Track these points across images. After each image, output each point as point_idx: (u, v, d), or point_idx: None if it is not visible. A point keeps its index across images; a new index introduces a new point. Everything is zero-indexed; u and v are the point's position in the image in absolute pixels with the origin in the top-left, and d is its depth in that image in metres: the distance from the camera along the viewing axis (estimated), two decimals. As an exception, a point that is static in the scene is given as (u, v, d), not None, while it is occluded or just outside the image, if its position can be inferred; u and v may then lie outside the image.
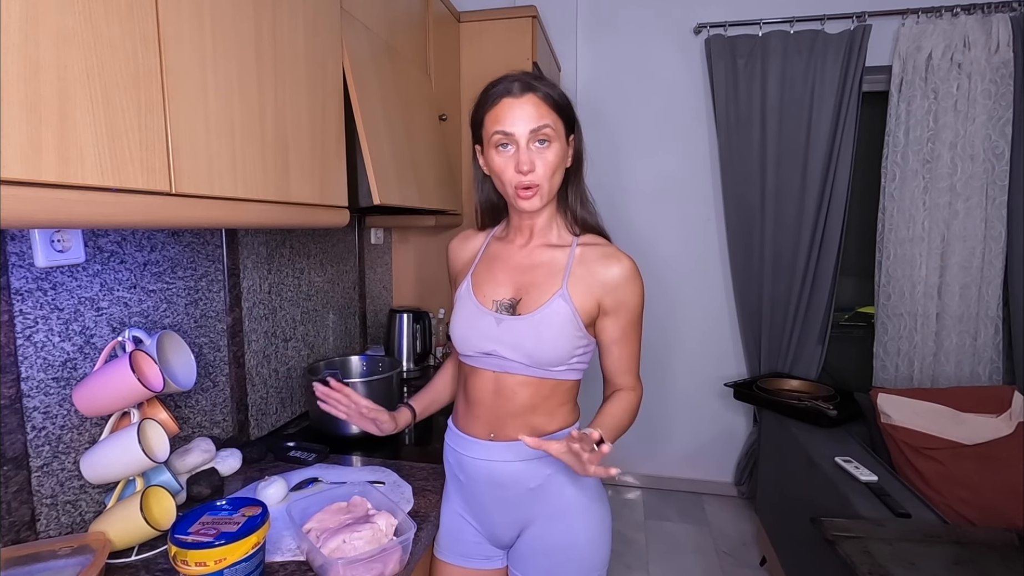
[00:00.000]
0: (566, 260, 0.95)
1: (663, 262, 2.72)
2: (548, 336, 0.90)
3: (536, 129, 0.88)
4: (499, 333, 0.93)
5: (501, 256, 1.00)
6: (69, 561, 0.77)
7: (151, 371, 0.93)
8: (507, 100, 0.89)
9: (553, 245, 0.97)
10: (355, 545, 0.83)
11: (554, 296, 0.92)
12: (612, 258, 0.94)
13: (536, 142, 0.89)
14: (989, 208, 2.27)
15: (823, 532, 1.26)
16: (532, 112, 0.88)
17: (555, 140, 0.90)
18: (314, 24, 1.01)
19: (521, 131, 0.88)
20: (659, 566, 2.23)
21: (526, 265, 0.97)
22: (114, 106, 0.61)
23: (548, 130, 0.89)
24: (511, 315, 0.93)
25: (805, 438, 1.84)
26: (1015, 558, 1.19)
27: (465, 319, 0.97)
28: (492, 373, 0.95)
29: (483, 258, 1.03)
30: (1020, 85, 2.19)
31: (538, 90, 0.90)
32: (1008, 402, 1.81)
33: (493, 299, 0.96)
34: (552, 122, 0.89)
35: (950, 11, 2.24)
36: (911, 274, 2.36)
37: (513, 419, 0.95)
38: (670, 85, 2.61)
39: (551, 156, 0.89)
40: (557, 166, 0.91)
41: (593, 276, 0.93)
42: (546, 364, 0.92)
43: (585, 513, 0.97)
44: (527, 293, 0.94)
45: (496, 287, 0.97)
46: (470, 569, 1.03)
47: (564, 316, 0.91)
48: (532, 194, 0.90)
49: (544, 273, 0.95)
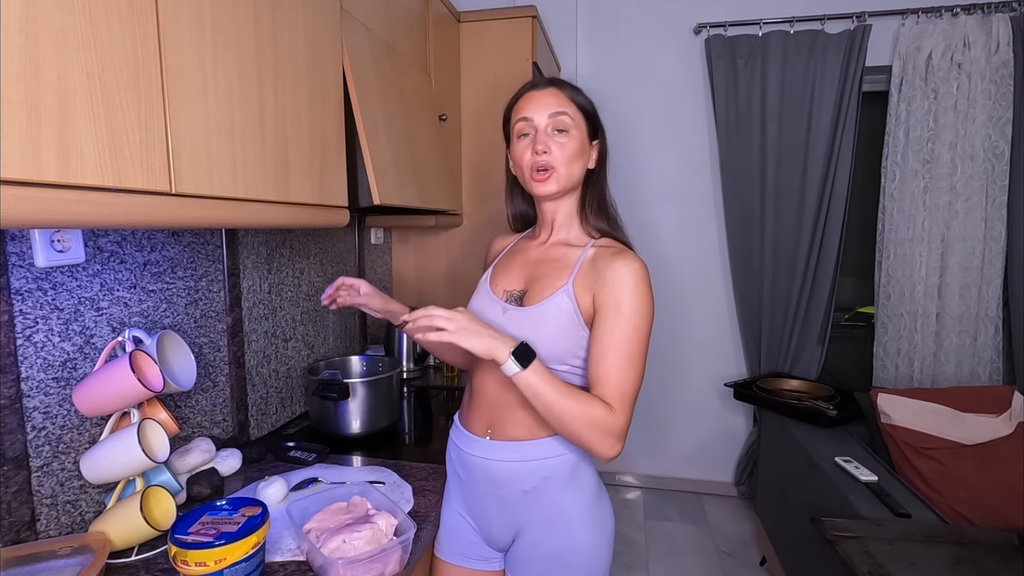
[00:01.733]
0: (578, 258, 0.95)
1: (663, 262, 2.72)
2: (546, 330, 0.90)
3: (554, 114, 0.93)
4: (503, 322, 0.94)
5: (522, 251, 1.05)
6: (69, 561, 0.77)
7: (151, 371, 0.93)
8: (531, 92, 0.97)
9: (569, 244, 0.99)
10: (355, 545, 0.83)
11: (558, 291, 0.92)
12: (620, 256, 0.92)
13: (555, 130, 0.93)
14: (989, 208, 2.27)
15: (823, 532, 1.26)
16: (552, 100, 0.94)
17: (573, 130, 0.94)
18: (314, 24, 1.01)
19: (540, 116, 0.93)
20: (659, 566, 2.23)
21: (540, 260, 1.00)
22: (114, 106, 0.61)
23: (566, 118, 0.93)
24: (518, 306, 0.95)
25: (805, 438, 1.84)
26: (1015, 558, 1.19)
27: (476, 305, 1.01)
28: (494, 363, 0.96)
29: (508, 252, 1.08)
30: (1020, 85, 2.19)
31: (562, 86, 0.96)
32: (1008, 402, 1.81)
33: (504, 289, 1.00)
34: (572, 113, 0.94)
35: (950, 11, 2.24)
36: (911, 274, 2.36)
37: (511, 414, 0.95)
38: (670, 85, 2.61)
39: (569, 144, 0.94)
40: (575, 155, 0.95)
41: (597, 271, 0.92)
42: (543, 358, 0.91)
43: (584, 520, 0.95)
44: (534, 285, 0.96)
45: (510, 279, 1.01)
46: (468, 569, 1.04)
47: (565, 312, 0.90)
48: (547, 176, 0.93)
49: (554, 268, 0.96)
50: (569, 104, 0.95)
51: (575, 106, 0.95)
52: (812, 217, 2.41)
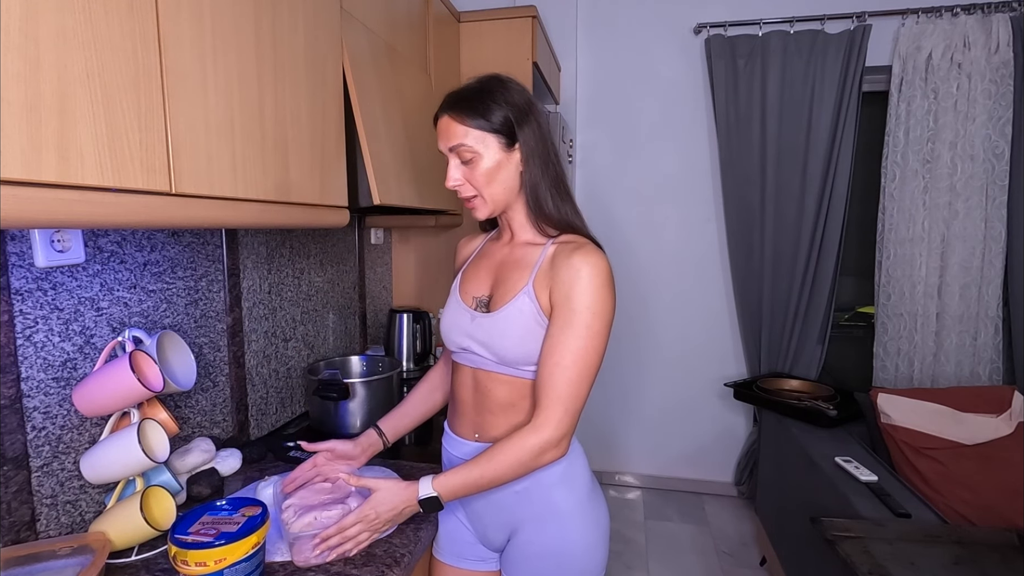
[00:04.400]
0: (538, 257, 0.93)
1: (663, 262, 2.72)
2: (511, 333, 0.90)
3: (453, 148, 0.91)
4: (472, 329, 0.94)
5: (488, 254, 1.03)
6: (69, 561, 0.77)
7: (151, 371, 0.93)
8: (437, 118, 0.94)
9: (531, 243, 0.97)
10: (323, 523, 0.86)
11: (519, 293, 0.91)
12: (577, 252, 0.88)
13: (460, 161, 0.92)
14: (989, 208, 2.27)
15: (823, 532, 1.26)
16: (448, 132, 0.91)
17: (481, 153, 0.90)
18: (314, 24, 1.01)
19: (444, 148, 0.93)
20: (659, 566, 2.23)
21: (504, 262, 0.98)
22: (114, 106, 0.61)
23: (464, 149, 0.90)
24: (484, 312, 0.95)
25: (805, 438, 1.84)
26: (1015, 558, 1.19)
27: (448, 315, 1.00)
28: (470, 369, 0.97)
29: (476, 257, 1.06)
30: (1020, 85, 2.19)
31: (454, 108, 0.90)
32: (1008, 402, 1.81)
33: (472, 295, 0.98)
34: (470, 141, 0.89)
35: (950, 11, 2.24)
36: (911, 274, 2.36)
37: (493, 417, 0.95)
38: (670, 85, 2.61)
39: (478, 169, 0.90)
40: (491, 176, 0.91)
41: (554, 268, 0.90)
42: (513, 362, 0.91)
43: (577, 516, 0.95)
44: (498, 289, 0.95)
45: (477, 284, 0.99)
46: (465, 570, 1.04)
47: (527, 313, 0.89)
48: (472, 206, 0.95)
49: (515, 269, 0.95)
50: (465, 133, 0.89)
51: (474, 131, 0.89)
52: (812, 217, 2.41)
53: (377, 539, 0.92)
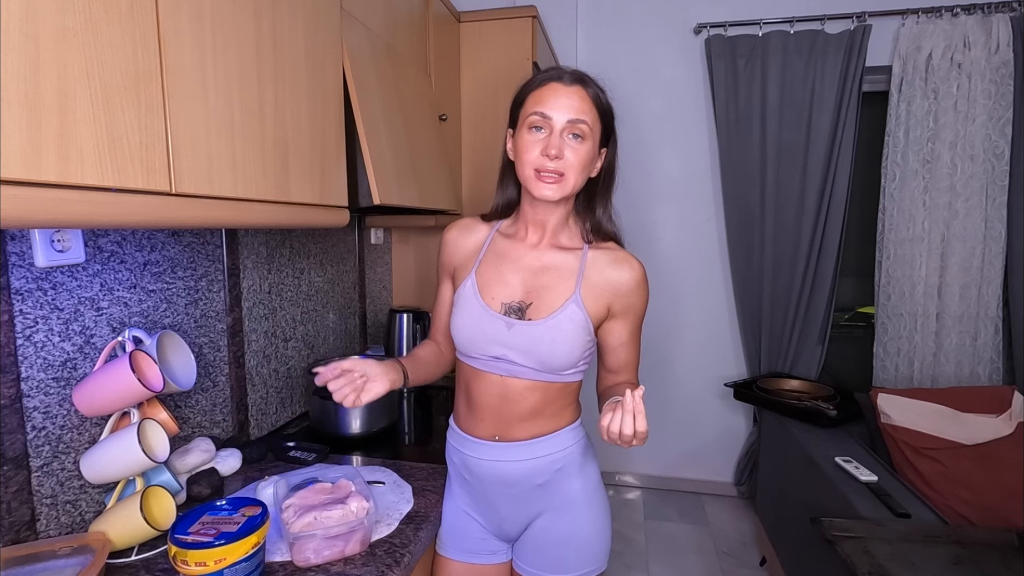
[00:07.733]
0: (578, 264, 0.93)
1: (663, 262, 2.72)
2: (562, 341, 0.89)
3: (574, 120, 0.86)
4: (510, 338, 0.91)
5: (509, 255, 0.97)
6: (69, 561, 0.77)
7: (151, 371, 0.93)
8: (555, 84, 0.88)
9: (564, 247, 0.95)
10: (324, 523, 0.86)
11: (568, 302, 0.90)
12: (624, 263, 0.94)
13: (570, 135, 0.87)
14: (989, 208, 2.27)
15: (823, 532, 1.26)
16: (576, 103, 0.87)
17: (589, 139, 0.89)
18: (314, 24, 1.01)
19: (559, 118, 0.86)
20: (659, 566, 2.23)
21: (537, 267, 0.94)
22: (114, 106, 0.61)
23: (584, 126, 0.87)
24: (520, 319, 0.91)
25: (805, 438, 1.84)
26: (1015, 558, 1.19)
27: (470, 320, 0.94)
28: (499, 377, 0.94)
29: (488, 254, 0.98)
30: (1020, 85, 2.19)
31: (587, 85, 0.89)
32: (1008, 402, 1.81)
33: (502, 301, 0.93)
34: (591, 121, 0.88)
35: (950, 11, 2.24)
36: (911, 274, 2.36)
37: (520, 422, 0.95)
38: (670, 85, 2.61)
39: (583, 150, 0.88)
40: (587, 163, 0.90)
41: (605, 280, 0.92)
42: (558, 369, 0.92)
43: (589, 504, 0.98)
44: (539, 297, 0.92)
45: (504, 288, 0.94)
46: (475, 564, 1.03)
47: (578, 323, 0.90)
48: (554, 182, 0.87)
49: (556, 277, 0.93)
50: (591, 110, 0.88)
51: (596, 112, 0.89)
52: (812, 217, 2.41)
53: (374, 514, 0.90)
